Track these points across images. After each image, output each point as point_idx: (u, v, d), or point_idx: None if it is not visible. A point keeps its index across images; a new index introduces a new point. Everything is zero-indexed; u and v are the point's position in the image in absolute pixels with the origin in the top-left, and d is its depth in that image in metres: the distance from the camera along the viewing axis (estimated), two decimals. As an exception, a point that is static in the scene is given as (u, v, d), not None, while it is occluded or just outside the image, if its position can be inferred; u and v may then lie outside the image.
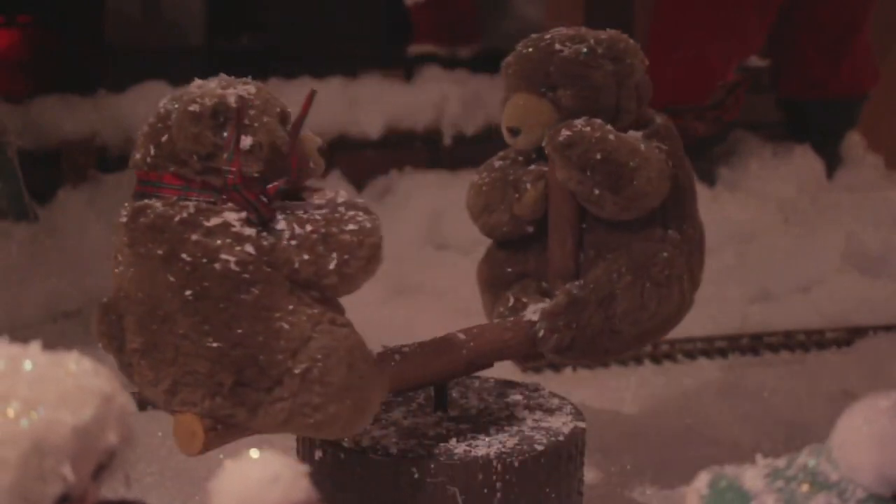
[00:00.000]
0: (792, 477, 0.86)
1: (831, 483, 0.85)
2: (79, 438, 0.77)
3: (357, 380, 1.30)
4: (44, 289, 2.36)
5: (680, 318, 1.59)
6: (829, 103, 3.24)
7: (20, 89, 3.02)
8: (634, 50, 1.57)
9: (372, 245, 1.32)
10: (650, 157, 1.49)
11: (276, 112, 1.37)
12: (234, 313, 1.29)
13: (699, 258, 1.60)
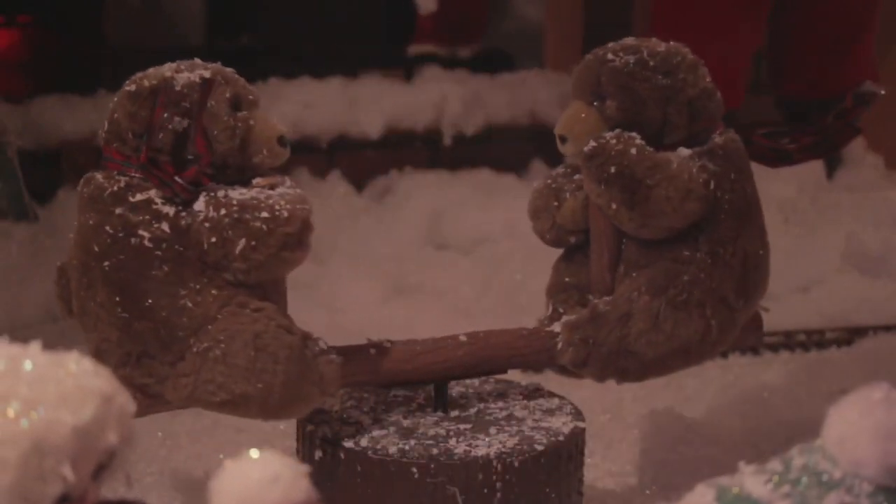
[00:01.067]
0: (796, 480, 0.86)
1: (836, 481, 0.85)
2: (79, 438, 0.77)
3: (270, 364, 1.34)
4: (44, 289, 2.35)
5: (706, 350, 1.50)
6: (829, 102, 3.24)
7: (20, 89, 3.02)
8: (691, 65, 1.50)
9: (284, 234, 1.35)
10: (676, 175, 1.44)
11: (225, 97, 1.40)
12: (144, 287, 1.35)
13: (738, 286, 1.49)
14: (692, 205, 1.44)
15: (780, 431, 1.94)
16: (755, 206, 1.52)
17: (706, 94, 1.49)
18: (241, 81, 1.44)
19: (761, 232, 1.53)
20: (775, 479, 0.87)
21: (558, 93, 3.21)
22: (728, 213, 1.47)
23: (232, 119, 1.40)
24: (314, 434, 1.44)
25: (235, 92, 1.42)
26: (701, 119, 1.49)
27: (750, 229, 1.50)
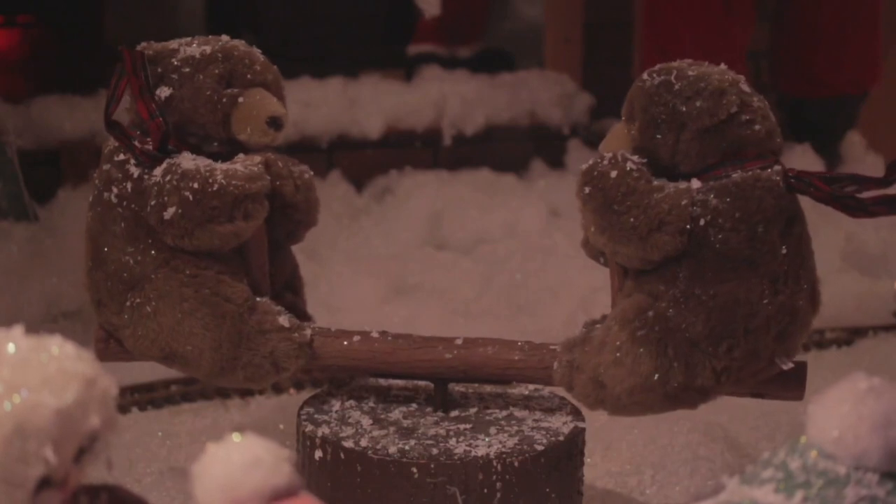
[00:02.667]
0: (806, 484, 0.86)
1: (843, 477, 0.85)
2: (61, 421, 0.78)
3: (199, 328, 1.44)
4: (44, 289, 2.36)
5: (678, 393, 1.38)
6: (829, 101, 3.24)
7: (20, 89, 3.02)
8: (714, 93, 1.38)
9: (210, 207, 1.41)
10: (653, 205, 1.36)
11: (213, 73, 1.46)
12: (104, 240, 1.48)
13: (714, 332, 1.36)
14: (662, 237, 1.36)
15: (780, 431, 1.94)
16: (771, 253, 1.37)
17: (728, 125, 1.38)
18: (246, 60, 1.49)
19: (781, 284, 1.37)
20: (781, 486, 0.86)
21: (558, 93, 3.21)
22: (718, 253, 1.36)
23: (216, 94, 1.46)
24: (314, 434, 1.44)
25: (230, 69, 1.47)
26: (719, 151, 1.39)
27: (751, 276, 1.36)
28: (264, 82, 1.50)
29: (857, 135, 3.35)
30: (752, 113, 1.39)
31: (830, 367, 2.20)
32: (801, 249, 1.39)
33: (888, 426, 0.84)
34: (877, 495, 0.84)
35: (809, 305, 1.41)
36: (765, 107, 1.40)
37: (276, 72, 1.54)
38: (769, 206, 1.37)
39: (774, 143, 1.41)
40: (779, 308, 1.37)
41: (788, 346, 1.39)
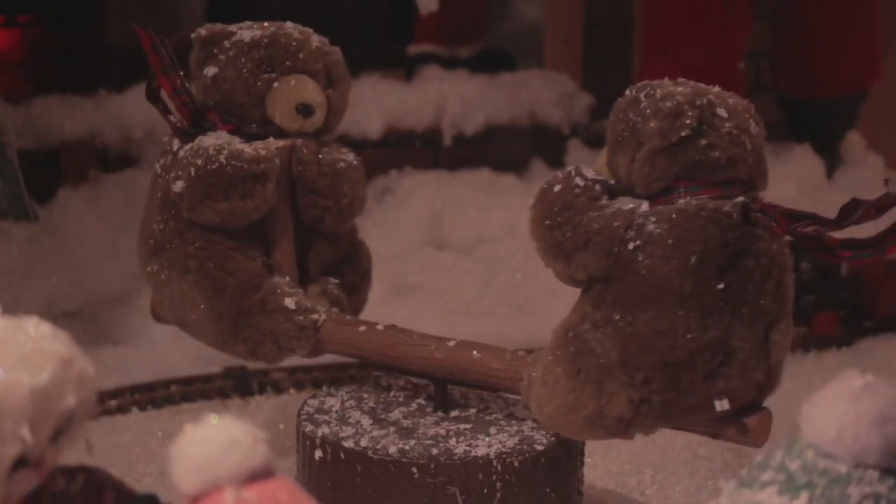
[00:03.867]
0: (809, 485, 0.85)
1: (845, 476, 0.85)
2: (37, 400, 0.78)
3: (201, 299, 1.51)
4: (44, 289, 2.36)
5: (595, 419, 1.32)
6: (829, 101, 3.24)
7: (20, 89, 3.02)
8: (670, 113, 1.29)
9: (208, 185, 1.48)
10: (585, 223, 1.31)
11: (254, 57, 1.53)
12: (148, 207, 1.58)
13: (630, 361, 1.29)
14: (587, 256, 1.31)
15: (780, 431, 1.94)
16: (703, 287, 1.27)
17: (681, 148, 1.29)
18: (291, 47, 1.55)
19: (714, 320, 1.28)
20: (784, 488, 0.86)
21: (558, 93, 3.20)
22: (644, 279, 1.28)
23: (252, 77, 1.53)
24: (314, 434, 1.44)
25: (271, 54, 1.54)
26: (670, 174, 1.30)
27: (678, 307, 1.27)
28: (307, 70, 1.54)
29: (857, 135, 3.35)
30: (714, 138, 1.29)
31: (830, 367, 2.21)
32: (747, 287, 1.28)
33: (885, 423, 0.84)
34: (880, 492, 0.84)
35: (757, 349, 1.31)
36: (739, 134, 1.30)
37: (332, 61, 1.58)
38: (711, 237, 1.27)
39: (740, 172, 1.30)
40: (707, 345, 1.28)
41: (727, 388, 1.29)
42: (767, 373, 1.33)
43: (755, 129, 1.33)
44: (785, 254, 1.32)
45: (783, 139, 3.25)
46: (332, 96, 1.58)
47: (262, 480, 0.80)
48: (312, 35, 1.59)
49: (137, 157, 2.85)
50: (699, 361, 1.28)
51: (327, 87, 1.57)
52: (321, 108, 1.55)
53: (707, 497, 1.69)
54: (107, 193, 2.74)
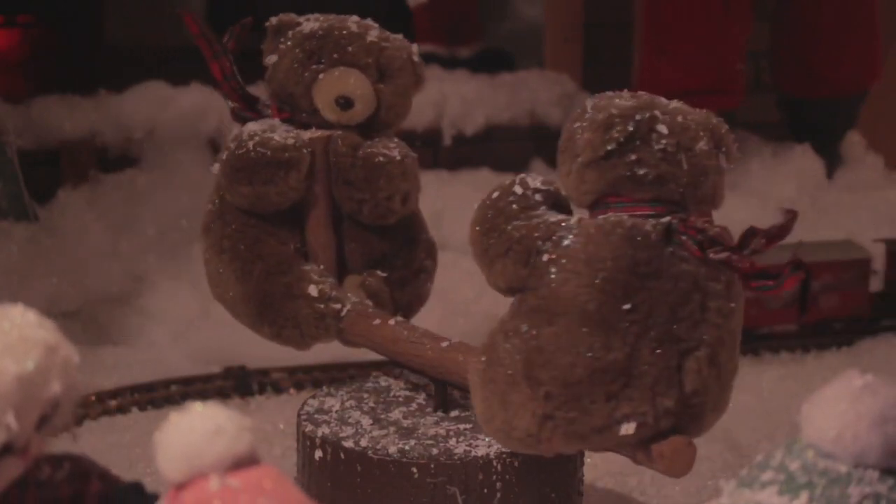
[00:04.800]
0: (809, 485, 0.85)
1: (845, 476, 0.85)
2: (22, 387, 0.78)
3: (229, 278, 1.54)
4: (44, 289, 2.36)
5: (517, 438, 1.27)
6: (829, 101, 3.24)
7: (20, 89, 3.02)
8: (592, 125, 1.26)
9: (232, 169, 1.52)
10: (507, 232, 1.30)
11: (306, 48, 1.56)
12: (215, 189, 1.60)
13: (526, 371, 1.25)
14: (506, 264, 1.29)
15: (780, 431, 1.94)
16: (609, 305, 1.22)
17: (608, 162, 1.25)
18: (344, 40, 1.56)
19: (617, 341, 1.22)
20: (784, 489, 0.86)
21: (558, 93, 3.21)
22: (553, 293, 1.25)
23: (301, 68, 1.55)
24: (314, 434, 1.44)
25: (321, 46, 1.56)
26: (597, 188, 1.27)
27: (582, 324, 1.23)
28: (355, 63, 1.55)
29: (857, 135, 3.35)
30: (645, 154, 1.24)
31: (830, 367, 2.21)
32: (658, 310, 1.23)
33: (886, 423, 0.84)
34: (880, 492, 0.84)
35: (667, 376, 1.24)
36: (675, 153, 1.24)
37: (388, 56, 1.58)
38: (622, 255, 1.22)
39: (670, 192, 1.25)
40: (609, 366, 1.23)
41: (633, 413, 1.23)
42: (682, 402, 1.25)
43: (703, 147, 1.25)
44: (719, 280, 1.24)
45: (783, 139, 3.25)
46: (384, 91, 1.58)
47: (246, 468, 0.80)
48: (373, 30, 1.59)
49: (137, 157, 2.85)
50: (599, 382, 1.23)
51: (378, 82, 1.57)
52: (362, 102, 1.56)
53: (707, 497, 1.69)
54: (107, 193, 2.74)
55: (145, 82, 2.91)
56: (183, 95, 2.91)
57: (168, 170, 2.81)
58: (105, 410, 1.98)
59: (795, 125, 3.30)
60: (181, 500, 0.81)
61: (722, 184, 1.28)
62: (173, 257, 2.55)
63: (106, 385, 2.06)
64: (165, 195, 2.74)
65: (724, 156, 1.28)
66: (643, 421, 1.24)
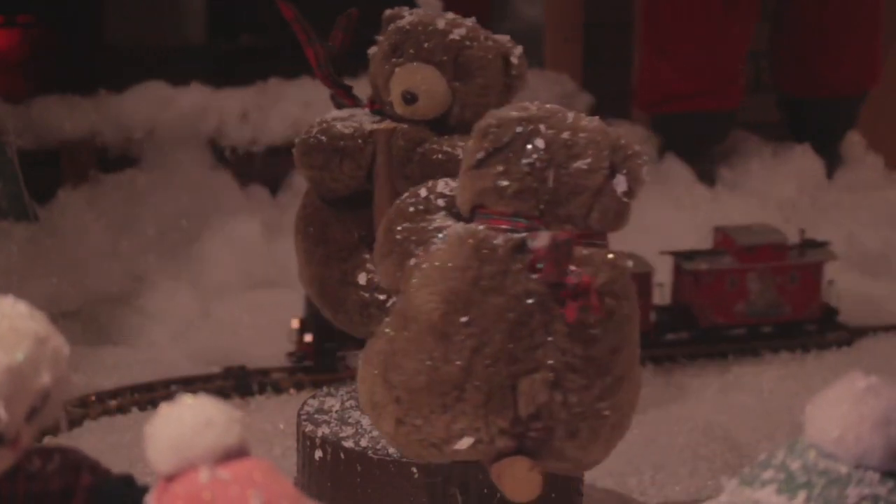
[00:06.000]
0: (807, 484, 0.85)
1: (845, 476, 0.85)
2: (12, 378, 0.78)
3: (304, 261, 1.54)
4: (44, 289, 2.36)
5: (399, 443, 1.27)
6: (829, 101, 3.24)
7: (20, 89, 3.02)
8: (476, 135, 1.25)
9: (300, 153, 1.52)
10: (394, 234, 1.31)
11: (389, 43, 1.57)
12: None
13: (387, 376, 1.25)
14: (387, 265, 1.30)
15: (780, 431, 1.94)
16: (447, 316, 1.21)
17: (476, 171, 1.25)
18: (422, 36, 1.56)
19: (453, 353, 1.21)
20: (783, 488, 0.86)
21: (558, 93, 3.21)
22: (407, 297, 1.25)
23: (385, 61, 1.57)
24: (314, 434, 1.44)
25: (401, 41, 1.57)
26: (469, 199, 1.27)
27: (429, 332, 1.22)
28: (430, 59, 1.55)
29: (857, 135, 3.35)
30: (511, 166, 1.23)
31: (830, 368, 2.21)
32: (495, 327, 1.20)
33: (888, 425, 0.84)
34: (879, 494, 0.84)
35: (500, 395, 1.21)
36: (544, 169, 1.21)
37: (468, 56, 1.57)
38: (467, 267, 1.20)
39: (530, 207, 1.22)
40: (445, 377, 1.21)
41: (467, 428, 1.22)
42: (519, 424, 1.22)
43: (582, 167, 1.22)
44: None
45: (783, 139, 3.26)
46: (459, 89, 1.57)
47: (237, 460, 0.80)
48: (461, 28, 1.59)
49: (137, 157, 2.85)
50: (437, 392, 1.22)
51: (454, 80, 1.57)
52: (427, 97, 1.55)
53: (707, 497, 1.69)
54: (107, 193, 2.74)
55: (145, 82, 2.91)
56: (183, 95, 2.91)
57: (168, 170, 2.81)
58: (105, 410, 1.98)
59: (795, 125, 3.30)
60: (171, 491, 0.80)
61: (613, 206, 1.23)
62: (173, 257, 2.55)
63: (106, 385, 2.06)
64: (165, 195, 2.74)
65: (624, 178, 1.22)
66: (479, 437, 1.22)
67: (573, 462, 1.27)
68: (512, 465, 1.23)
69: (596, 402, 1.22)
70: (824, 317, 2.35)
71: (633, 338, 1.25)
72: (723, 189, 3.05)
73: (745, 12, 3.07)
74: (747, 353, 2.31)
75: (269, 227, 2.63)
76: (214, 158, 2.91)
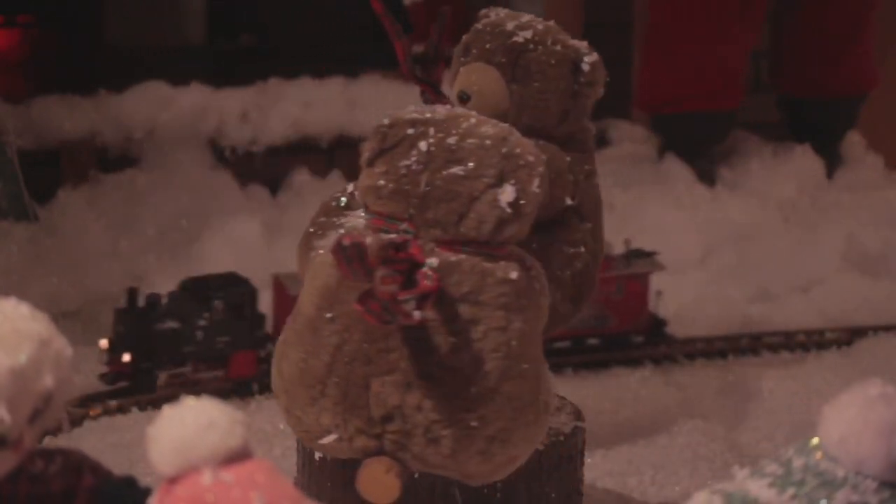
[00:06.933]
0: (800, 482, 0.86)
1: (840, 480, 0.85)
2: (15, 381, 0.78)
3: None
4: (44, 289, 2.36)
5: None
6: (829, 102, 3.24)
7: (20, 89, 3.02)
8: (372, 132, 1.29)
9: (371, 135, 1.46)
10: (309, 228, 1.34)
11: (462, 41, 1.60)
12: None
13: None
14: (300, 256, 1.33)
15: (780, 431, 1.94)
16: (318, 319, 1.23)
17: (367, 170, 1.28)
18: (487, 36, 1.59)
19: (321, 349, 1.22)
20: (777, 482, 0.86)
21: (558, 93, 3.20)
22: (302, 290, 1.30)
23: (457, 60, 1.61)
24: (314, 434, 1.44)
25: (470, 41, 1.61)
26: (361, 195, 1.30)
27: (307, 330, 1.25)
28: (490, 60, 1.58)
29: (857, 135, 3.35)
30: (389, 167, 1.24)
31: (830, 368, 2.21)
32: (356, 327, 1.21)
33: (892, 434, 0.83)
34: (868, 502, 0.84)
35: (354, 393, 1.22)
36: (419, 172, 1.22)
37: (528, 59, 1.59)
38: (334, 264, 1.19)
39: (401, 210, 1.23)
40: (312, 371, 1.24)
41: (330, 425, 1.24)
42: (374, 424, 1.22)
43: (459, 173, 1.21)
44: (440, 311, 1.19)
45: (783, 139, 3.25)
46: (517, 92, 1.57)
47: (239, 462, 0.80)
48: (530, 30, 1.59)
49: (137, 157, 2.85)
50: (306, 385, 1.24)
51: (513, 82, 1.57)
52: (479, 98, 1.56)
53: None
54: (107, 193, 2.74)
55: (145, 82, 2.91)
56: (183, 95, 2.91)
57: (168, 170, 2.81)
58: (105, 410, 1.98)
59: (795, 125, 3.30)
60: (174, 493, 0.81)
61: (492, 214, 1.20)
62: (173, 257, 2.55)
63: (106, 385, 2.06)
64: (165, 195, 2.74)
65: (512, 188, 1.20)
66: (340, 435, 1.23)
67: (448, 471, 1.25)
68: (370, 466, 1.23)
69: (459, 412, 1.20)
70: (652, 329, 2.24)
71: (513, 351, 1.21)
72: (723, 189, 3.05)
73: (749, 13, 3.07)
74: (747, 353, 2.31)
75: (269, 227, 2.63)
76: (214, 158, 2.91)
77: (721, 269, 2.65)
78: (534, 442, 1.26)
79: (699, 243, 2.72)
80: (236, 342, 2.03)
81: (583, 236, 1.56)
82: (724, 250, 2.72)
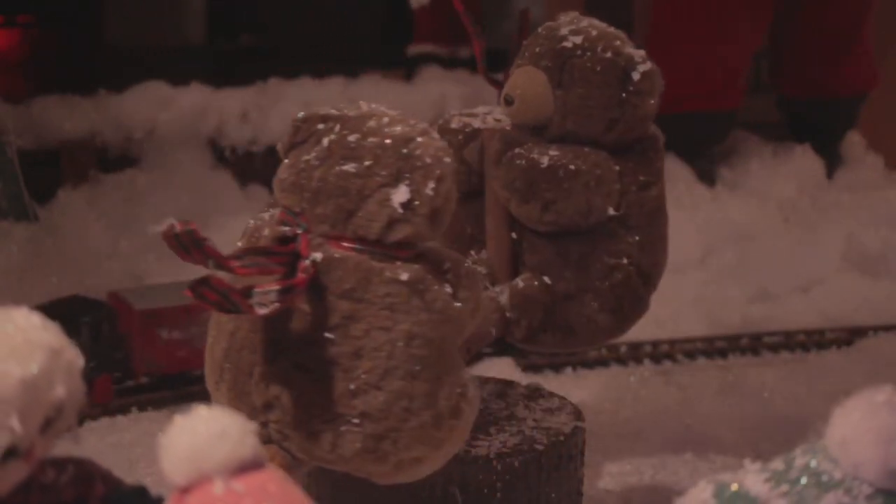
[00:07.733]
0: (795, 480, 0.86)
1: (836, 481, 0.85)
2: (26, 391, 0.78)
3: None
4: (44, 289, 2.36)
5: None
6: (829, 102, 3.24)
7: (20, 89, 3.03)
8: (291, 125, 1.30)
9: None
10: None
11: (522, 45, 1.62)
12: None
13: None
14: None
15: (780, 431, 1.94)
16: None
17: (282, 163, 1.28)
18: (540, 40, 1.60)
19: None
20: (775, 479, 0.86)
21: (558, 93, 3.20)
22: None
23: (514, 65, 1.62)
24: (314, 434, 1.44)
25: (528, 44, 1.61)
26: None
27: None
28: (538, 64, 1.58)
29: (857, 135, 3.35)
30: (295, 161, 1.25)
31: (830, 368, 2.21)
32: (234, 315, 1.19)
33: (891, 442, 0.83)
34: None
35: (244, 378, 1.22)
36: (316, 167, 1.22)
37: (573, 64, 1.59)
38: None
39: (294, 202, 1.23)
40: (214, 357, 1.25)
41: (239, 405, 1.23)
42: (255, 412, 1.21)
43: (351, 170, 1.20)
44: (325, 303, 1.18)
45: (783, 139, 3.26)
46: (560, 97, 1.56)
47: (251, 472, 0.80)
48: (581, 35, 1.59)
49: (137, 157, 2.85)
50: (210, 370, 1.23)
51: (558, 88, 1.56)
52: (521, 102, 1.56)
53: (707, 497, 1.69)
54: (107, 193, 2.74)
55: (145, 82, 2.91)
56: (183, 95, 2.91)
57: (168, 170, 2.81)
58: (105, 410, 1.98)
59: (795, 125, 3.30)
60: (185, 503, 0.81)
61: (381, 214, 1.19)
62: (173, 257, 2.54)
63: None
64: (165, 195, 2.74)
65: (406, 189, 1.18)
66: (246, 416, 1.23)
67: (344, 467, 1.23)
68: (268, 452, 1.21)
69: (337, 407, 1.18)
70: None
71: (399, 352, 1.18)
72: (723, 189, 3.05)
73: (756, 14, 3.07)
74: (747, 353, 2.31)
75: (269, 227, 2.63)
76: (214, 158, 2.91)
77: (721, 269, 2.65)
78: (439, 446, 1.22)
79: (699, 243, 2.72)
80: (101, 366, 1.98)
81: (626, 248, 1.52)
82: (724, 250, 2.72)
